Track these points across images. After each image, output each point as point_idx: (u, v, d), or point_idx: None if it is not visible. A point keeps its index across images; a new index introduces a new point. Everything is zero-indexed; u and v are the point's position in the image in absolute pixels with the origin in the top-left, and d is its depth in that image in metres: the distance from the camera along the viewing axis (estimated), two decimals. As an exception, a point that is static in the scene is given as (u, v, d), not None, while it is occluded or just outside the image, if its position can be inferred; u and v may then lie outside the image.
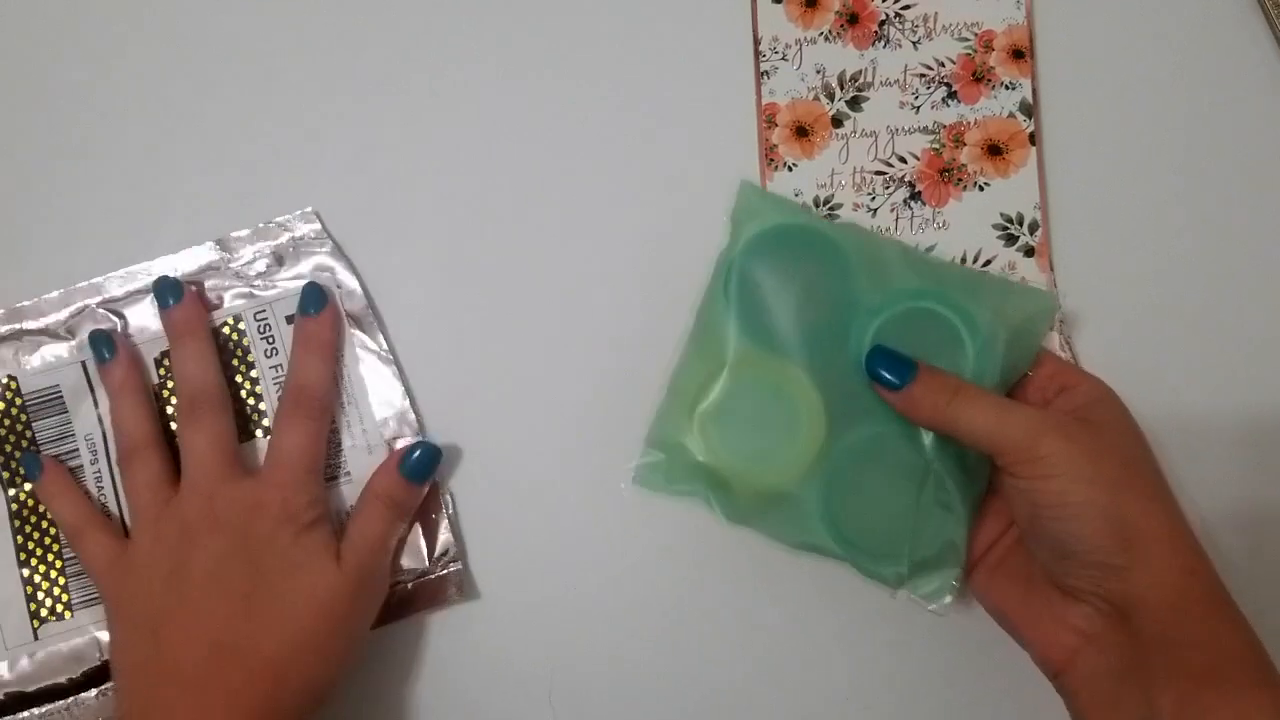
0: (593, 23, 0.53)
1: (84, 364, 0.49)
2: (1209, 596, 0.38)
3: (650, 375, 0.49)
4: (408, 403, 0.49)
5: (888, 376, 0.44)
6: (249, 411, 0.48)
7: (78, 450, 0.48)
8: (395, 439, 0.48)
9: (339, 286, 0.50)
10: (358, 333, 0.49)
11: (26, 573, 0.48)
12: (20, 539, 0.48)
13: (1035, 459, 0.40)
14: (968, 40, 0.51)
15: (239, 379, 0.48)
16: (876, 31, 0.52)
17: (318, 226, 0.50)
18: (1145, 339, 0.49)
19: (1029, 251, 0.50)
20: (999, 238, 0.50)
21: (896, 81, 0.51)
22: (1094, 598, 0.40)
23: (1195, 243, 0.50)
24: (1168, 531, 0.39)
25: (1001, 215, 0.50)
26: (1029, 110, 0.51)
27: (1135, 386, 0.45)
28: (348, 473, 0.48)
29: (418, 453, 0.47)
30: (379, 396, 0.49)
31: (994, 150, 0.51)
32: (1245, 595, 0.39)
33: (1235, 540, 0.47)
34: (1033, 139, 0.50)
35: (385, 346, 0.49)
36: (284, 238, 0.50)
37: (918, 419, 0.43)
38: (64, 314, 0.50)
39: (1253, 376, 0.49)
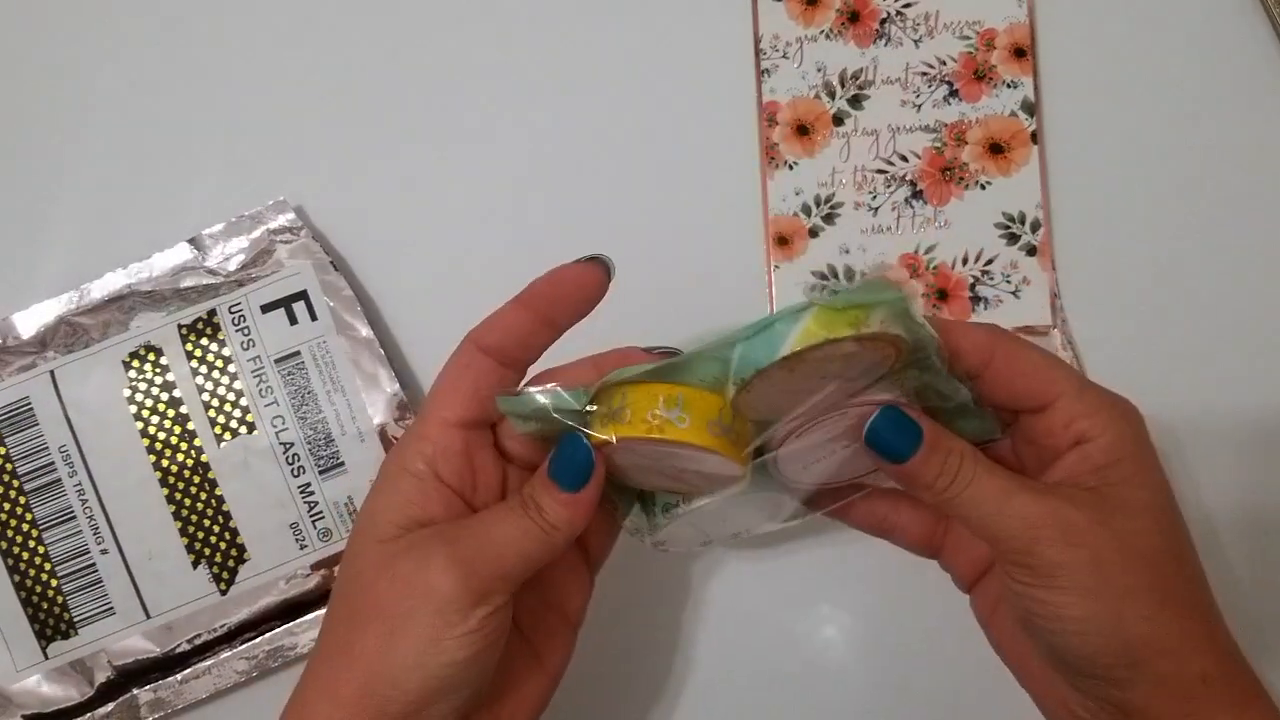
0: (592, 19, 0.52)
1: (52, 374, 0.48)
2: (1225, 700, 0.34)
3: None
4: (397, 386, 0.48)
5: (892, 446, 0.36)
6: (229, 408, 0.48)
7: (53, 464, 0.48)
8: (384, 425, 0.48)
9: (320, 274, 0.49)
10: (343, 318, 0.49)
11: (24, 594, 0.47)
12: (11, 560, 0.48)
13: (1029, 566, 0.34)
14: (969, 38, 0.51)
15: (216, 374, 0.48)
16: (878, 29, 0.51)
17: (292, 215, 0.50)
18: (1147, 338, 0.50)
19: (1031, 250, 0.50)
20: (1001, 237, 0.50)
21: (898, 80, 0.51)
22: (1096, 698, 0.36)
23: (1198, 241, 0.50)
24: (1178, 641, 0.34)
25: (1003, 214, 0.50)
26: (1031, 109, 0.51)
27: (1137, 386, 0.45)
28: (341, 463, 0.48)
29: (558, 453, 0.36)
30: (366, 383, 0.48)
31: (996, 149, 0.51)
32: (1248, 598, 0.39)
33: (1238, 541, 0.47)
34: (1034, 137, 0.50)
35: (370, 332, 0.49)
36: (259, 230, 0.50)
37: (915, 493, 0.37)
38: (35, 329, 0.49)
39: (1256, 375, 0.49)
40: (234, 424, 0.48)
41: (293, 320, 0.49)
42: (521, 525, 0.35)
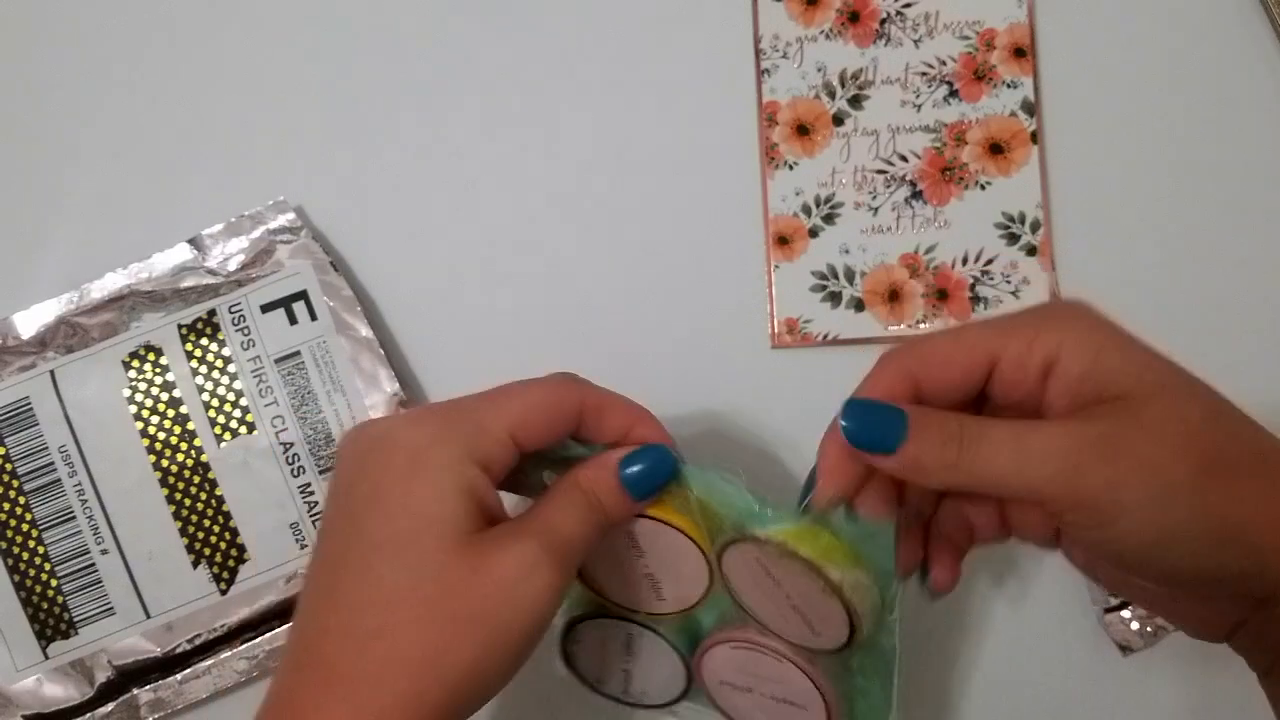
0: (592, 19, 0.52)
1: (52, 374, 0.48)
2: None
3: (648, 373, 0.49)
4: (396, 385, 0.48)
5: (875, 440, 0.31)
6: (229, 408, 0.48)
7: (53, 464, 0.48)
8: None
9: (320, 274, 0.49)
10: (342, 318, 0.49)
11: (24, 594, 0.47)
12: (11, 560, 0.48)
13: (1083, 504, 0.29)
14: (969, 38, 0.51)
15: (216, 374, 0.48)
16: (878, 29, 0.51)
17: (292, 216, 0.50)
18: (1148, 337, 0.49)
19: (1031, 250, 0.50)
20: (1001, 237, 0.50)
21: (898, 80, 0.51)
22: (1231, 597, 0.32)
23: (1198, 241, 0.50)
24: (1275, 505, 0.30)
25: (1003, 214, 0.50)
26: (1030, 109, 0.51)
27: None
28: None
29: (644, 465, 0.35)
30: (366, 384, 0.48)
31: (995, 149, 0.51)
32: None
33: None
34: (1034, 137, 0.50)
35: (370, 332, 0.49)
36: (258, 230, 0.50)
37: (926, 483, 0.32)
38: (34, 329, 0.49)
39: (1257, 375, 0.49)
40: (234, 424, 0.48)
41: (292, 320, 0.49)
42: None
